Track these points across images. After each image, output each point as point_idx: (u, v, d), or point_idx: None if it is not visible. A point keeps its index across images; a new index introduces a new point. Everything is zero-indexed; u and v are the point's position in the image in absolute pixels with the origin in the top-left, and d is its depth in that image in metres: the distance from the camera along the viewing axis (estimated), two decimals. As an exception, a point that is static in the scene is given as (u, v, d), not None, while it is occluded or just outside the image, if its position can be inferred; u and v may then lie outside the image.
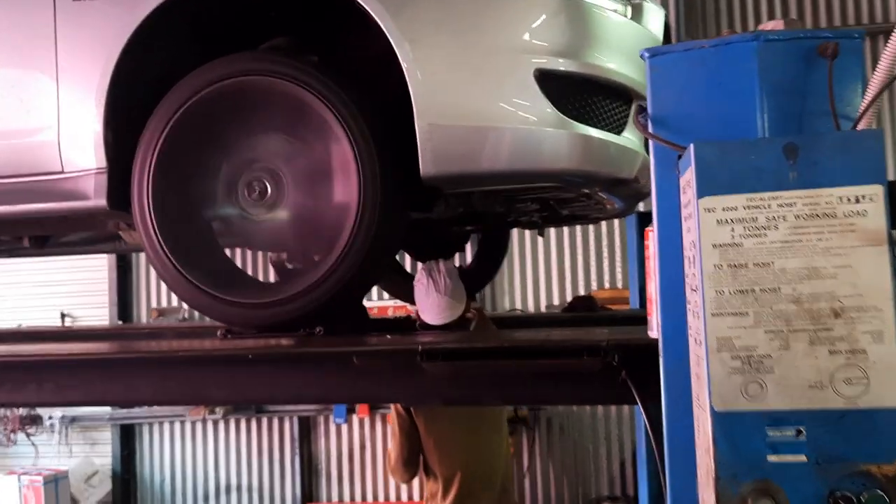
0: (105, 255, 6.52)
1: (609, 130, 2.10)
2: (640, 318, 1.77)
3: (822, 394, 1.01)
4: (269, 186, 2.16)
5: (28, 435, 6.64)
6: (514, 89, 1.97)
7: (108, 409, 6.46)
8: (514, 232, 5.39)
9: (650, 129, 1.27)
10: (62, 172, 2.20)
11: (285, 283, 2.21)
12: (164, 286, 5.10)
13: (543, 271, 6.05)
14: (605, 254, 5.98)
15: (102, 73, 2.14)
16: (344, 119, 2.01)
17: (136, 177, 2.12)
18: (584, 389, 1.86)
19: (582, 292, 5.93)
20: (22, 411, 6.44)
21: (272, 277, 2.39)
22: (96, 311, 6.94)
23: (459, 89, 1.98)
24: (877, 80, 1.15)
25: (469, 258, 4.37)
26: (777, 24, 1.24)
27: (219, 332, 2.29)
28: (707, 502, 1.08)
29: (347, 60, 2.26)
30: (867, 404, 1.01)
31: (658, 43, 2.32)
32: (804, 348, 1.03)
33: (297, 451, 6.32)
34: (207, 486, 6.55)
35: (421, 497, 4.46)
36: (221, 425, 6.52)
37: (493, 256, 3.82)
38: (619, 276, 5.93)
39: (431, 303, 2.70)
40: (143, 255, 5.11)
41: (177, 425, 6.59)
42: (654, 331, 1.37)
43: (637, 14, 2.23)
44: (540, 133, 1.98)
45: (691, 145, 1.10)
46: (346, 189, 2.06)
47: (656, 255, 1.28)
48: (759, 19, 5.84)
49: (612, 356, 1.64)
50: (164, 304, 6.65)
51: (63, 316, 7.12)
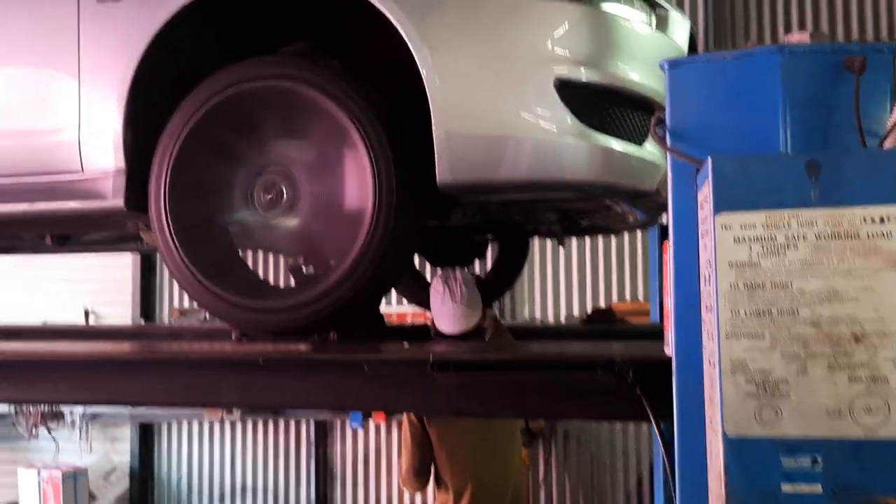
0: (129, 254, 6.57)
1: (630, 141, 2.06)
2: (659, 333, 1.73)
3: (840, 422, 0.97)
4: (284, 190, 2.15)
5: (49, 430, 6.70)
6: (533, 98, 1.95)
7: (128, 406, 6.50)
8: (535, 240, 5.34)
9: (668, 142, 1.23)
10: (81, 172, 2.21)
11: (299, 288, 2.20)
12: (184, 286, 5.09)
13: (564, 281, 5.99)
14: (627, 265, 5.90)
15: (124, 74, 2.14)
16: (361, 125, 2.00)
17: (153, 178, 2.12)
18: (598, 405, 1.82)
19: (602, 304, 5.86)
20: (44, 406, 6.50)
21: (282, 280, 2.37)
22: (119, 309, 6.99)
23: (478, 97, 1.95)
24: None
25: (489, 265, 4.34)
26: (802, 37, 1.20)
27: (233, 336, 2.29)
28: (717, 530, 1.04)
29: (367, 66, 2.24)
30: (888, 434, 0.97)
31: (683, 54, 2.28)
32: (823, 374, 0.99)
33: (313, 454, 6.31)
34: (223, 487, 6.56)
35: (434, 506, 4.42)
36: (238, 426, 6.54)
37: (511, 265, 3.79)
38: (640, 288, 5.85)
39: (447, 311, 2.68)
40: (164, 255, 5.10)
41: (195, 425, 6.62)
42: (671, 348, 1.34)
43: (662, 24, 2.20)
44: (559, 143, 1.95)
45: (709, 159, 1.06)
46: (361, 194, 2.04)
47: (672, 271, 1.24)
48: (789, 31, 5.76)
49: (626, 372, 1.60)
50: (186, 304, 6.68)
51: (87, 313, 7.19)
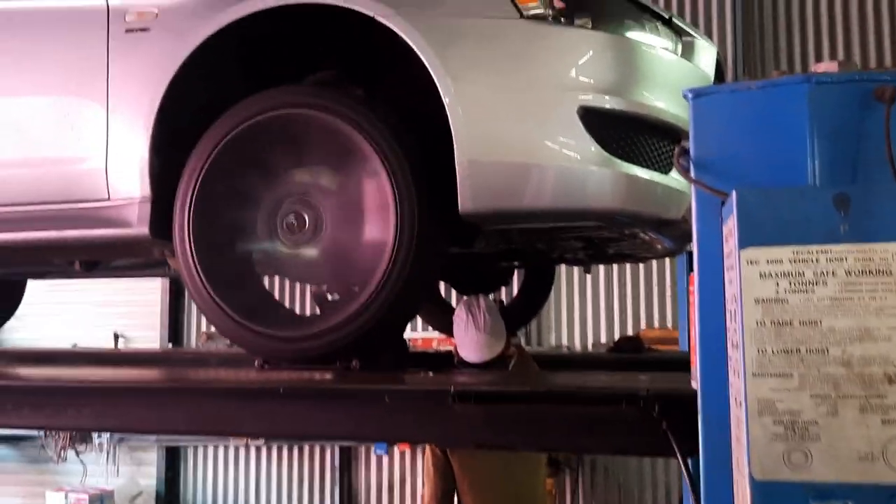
0: (158, 279, 6.64)
1: (655, 170, 2.04)
2: (688, 363, 1.69)
3: (872, 467, 0.93)
4: (307, 218, 2.15)
5: (77, 453, 6.76)
6: (557, 126, 1.93)
7: (154, 430, 6.53)
8: (562, 266, 5.30)
9: (692, 173, 1.21)
10: (108, 200, 2.23)
11: (321, 315, 2.19)
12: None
13: (591, 307, 5.93)
14: (656, 292, 5.83)
15: (151, 102, 2.16)
16: (384, 153, 2.00)
17: (178, 206, 2.14)
18: (622, 439, 1.77)
19: (630, 330, 5.79)
20: (72, 429, 6.56)
21: (301, 304, 2.37)
22: (148, 332, 7.07)
23: (501, 125, 1.94)
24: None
25: (515, 291, 4.31)
26: (830, 66, 1.17)
27: (256, 363, 2.29)
28: (745, 578, 1.00)
29: (390, 94, 2.25)
30: (924, 480, 0.92)
31: (709, 81, 2.25)
32: (854, 416, 0.95)
33: (338, 480, 6.28)
34: (248, 512, 6.56)
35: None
36: (263, 452, 6.54)
37: (537, 293, 3.75)
38: (668, 315, 5.77)
39: (470, 340, 2.65)
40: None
41: (220, 450, 6.63)
42: (697, 382, 1.30)
43: (688, 52, 2.18)
44: (583, 171, 1.93)
45: (734, 192, 1.03)
46: (383, 222, 2.03)
47: (697, 305, 1.21)
48: (819, 59, 5.69)
49: (652, 406, 1.56)
50: (213, 328, 6.74)
51: (116, 336, 7.27)
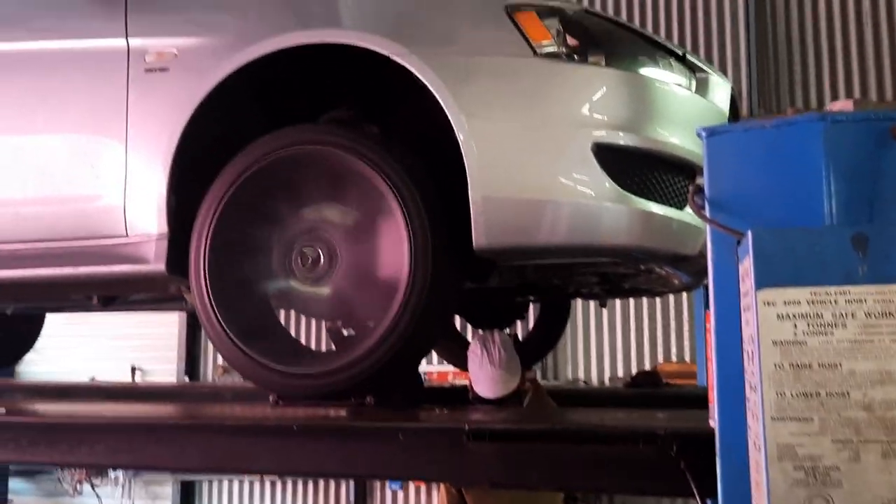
0: (175, 313, 6.67)
1: (671, 205, 2.03)
2: (706, 399, 1.67)
3: (897, 514, 0.91)
4: (322, 255, 2.16)
5: (93, 486, 6.74)
6: (571, 163, 1.94)
7: (169, 464, 6.51)
8: (578, 300, 5.28)
9: (707, 212, 1.20)
10: (125, 236, 2.24)
11: (336, 352, 2.19)
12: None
13: (608, 341, 5.89)
14: (673, 325, 5.78)
15: (169, 140, 2.18)
16: (398, 190, 2.01)
17: (194, 242, 2.15)
18: (639, 479, 1.74)
19: (648, 364, 5.73)
20: (87, 462, 6.55)
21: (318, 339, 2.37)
22: (165, 365, 7.09)
23: (515, 162, 1.95)
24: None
25: (531, 325, 4.28)
26: (845, 105, 1.17)
27: (271, 399, 2.28)
28: None
29: (405, 131, 2.27)
30: (951, 529, 0.90)
31: (724, 117, 2.25)
32: (877, 461, 0.92)
33: (353, 515, 6.23)
34: (263, 548, 6.50)
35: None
36: (279, 486, 6.50)
37: (552, 327, 3.73)
38: (686, 348, 5.71)
39: (485, 375, 2.63)
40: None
41: (235, 484, 6.59)
42: (715, 422, 1.28)
43: (702, 88, 2.18)
44: (597, 207, 1.93)
45: (749, 232, 1.03)
46: (398, 259, 2.04)
47: (714, 345, 1.19)
48: (835, 92, 5.67)
49: (670, 445, 1.54)
50: (228, 362, 6.75)
51: (133, 370, 7.29)
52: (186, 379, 6.76)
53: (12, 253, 2.34)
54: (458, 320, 4.10)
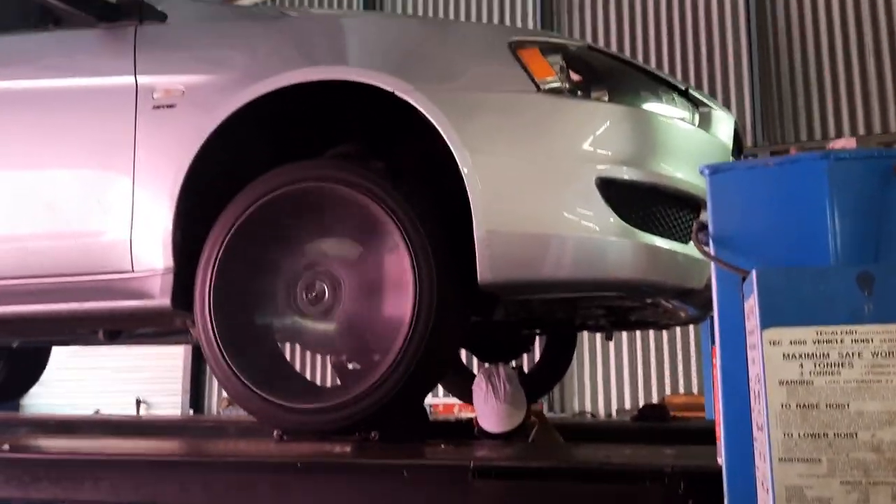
0: (182, 345, 6.67)
1: (676, 239, 2.03)
2: (714, 434, 1.65)
3: (909, 559, 0.89)
4: (327, 289, 2.16)
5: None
6: (575, 197, 1.94)
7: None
8: (585, 332, 5.26)
9: (711, 250, 1.20)
10: (131, 272, 2.25)
11: (340, 387, 2.18)
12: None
13: (615, 373, 5.85)
14: (680, 357, 5.75)
15: (176, 176, 2.19)
16: (403, 225, 2.02)
17: (199, 277, 2.15)
18: (648, 518, 1.72)
19: (655, 395, 5.70)
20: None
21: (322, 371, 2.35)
22: (170, 398, 7.07)
23: (519, 197, 1.96)
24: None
25: (537, 357, 4.26)
26: (848, 143, 1.17)
27: (275, 434, 2.26)
28: None
29: (410, 166, 2.28)
30: (964, 573, 0.88)
31: (727, 150, 2.26)
32: (886, 503, 0.91)
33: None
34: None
35: None
36: (283, 520, 6.42)
37: (558, 360, 3.71)
38: (694, 380, 5.68)
39: (490, 410, 2.61)
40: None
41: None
42: (722, 459, 1.26)
43: (705, 122, 2.19)
44: (602, 242, 1.93)
45: (754, 272, 1.02)
46: (402, 293, 2.03)
47: (720, 383, 1.19)
48: (839, 122, 5.70)
49: (677, 484, 1.52)
50: (233, 394, 6.73)
51: (138, 402, 7.27)
52: (191, 412, 6.73)
53: (20, 288, 2.35)
54: (463, 353, 4.08)
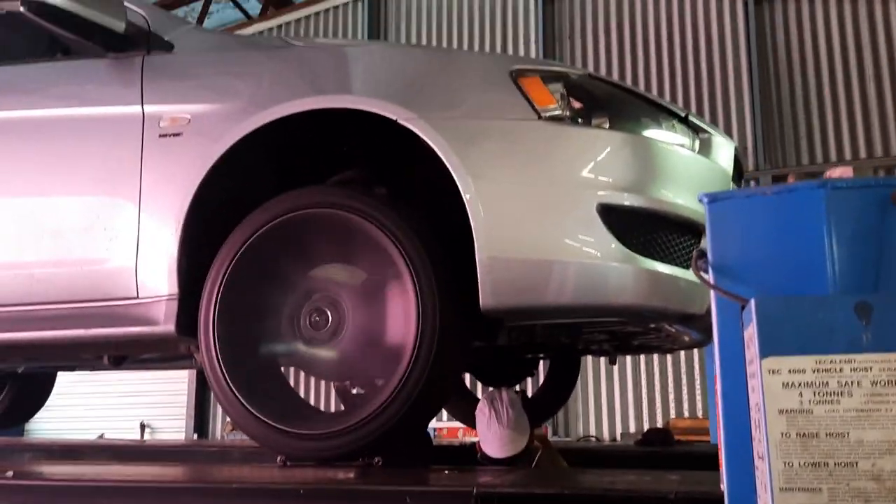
0: (186, 370, 6.67)
1: (677, 265, 2.04)
2: (718, 458, 1.64)
3: (910, 589, 0.89)
4: (330, 315, 2.17)
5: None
6: (576, 223, 1.96)
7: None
8: (589, 356, 5.25)
9: (711, 278, 1.21)
10: (136, 298, 2.26)
11: (343, 413, 2.18)
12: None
13: (619, 397, 5.83)
14: (685, 381, 5.73)
15: (182, 203, 2.21)
16: (406, 251, 2.03)
17: (203, 304, 2.16)
18: (652, 546, 1.71)
19: (660, 419, 5.66)
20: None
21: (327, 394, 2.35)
22: (174, 422, 7.05)
23: (521, 223, 1.97)
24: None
25: (541, 381, 4.25)
26: (846, 171, 1.19)
27: (278, 460, 2.26)
28: None
29: (412, 192, 2.30)
30: None
31: (728, 176, 2.28)
32: (888, 533, 0.91)
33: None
34: None
35: None
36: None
37: (562, 384, 3.71)
38: (698, 403, 5.65)
39: (493, 435, 2.61)
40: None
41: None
42: (724, 486, 1.26)
43: (705, 148, 2.21)
44: (604, 268, 1.94)
45: (752, 300, 1.03)
46: (405, 319, 2.04)
47: (721, 411, 1.19)
48: (840, 146, 5.70)
49: (681, 511, 1.51)
50: (237, 419, 6.71)
51: (143, 426, 7.25)
52: (195, 436, 6.71)
53: (26, 314, 2.36)
54: (467, 377, 4.08)
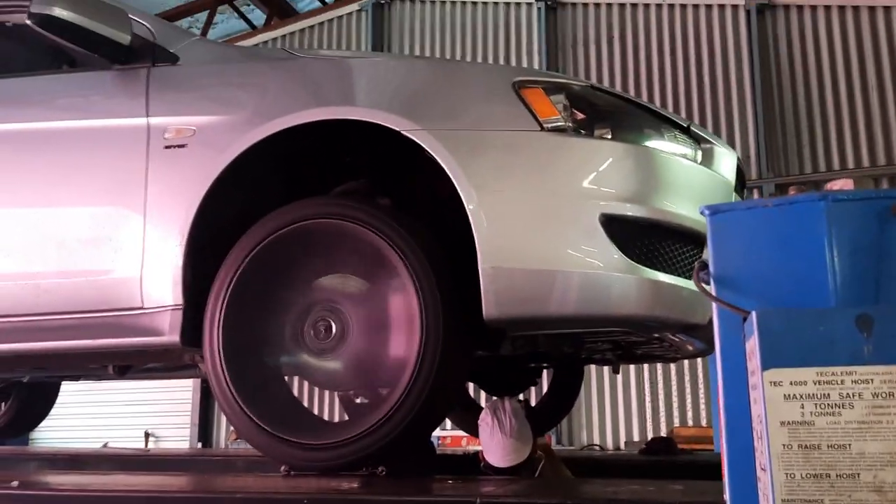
0: (191, 379, 6.68)
1: (679, 275, 2.05)
2: (720, 469, 1.64)
3: None
4: (334, 325, 2.18)
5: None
6: (579, 234, 1.96)
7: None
8: (592, 365, 5.25)
9: (712, 290, 1.21)
10: (142, 308, 2.26)
11: (347, 423, 2.18)
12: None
13: (623, 406, 5.82)
14: (689, 389, 5.72)
15: (186, 214, 2.22)
16: (409, 261, 2.04)
17: (208, 314, 2.17)
18: (655, 557, 1.71)
19: (664, 427, 5.65)
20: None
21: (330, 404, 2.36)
22: (179, 431, 7.05)
23: (524, 233, 1.98)
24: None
25: (545, 390, 4.25)
26: (846, 184, 1.19)
27: (282, 469, 2.27)
28: None
29: (416, 203, 2.31)
30: None
31: (730, 187, 2.28)
32: (890, 545, 0.92)
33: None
34: None
35: None
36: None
37: (566, 393, 3.71)
38: (702, 412, 5.64)
39: (496, 444, 2.61)
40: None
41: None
42: (728, 497, 1.26)
43: (707, 158, 2.22)
44: (606, 278, 1.95)
45: (754, 313, 1.04)
46: (408, 329, 2.05)
47: (723, 421, 1.19)
48: (842, 156, 5.71)
49: (684, 522, 1.52)
50: (241, 429, 6.71)
51: (147, 435, 7.25)
52: (199, 445, 6.71)
53: (32, 324, 2.37)
54: (470, 386, 4.08)
